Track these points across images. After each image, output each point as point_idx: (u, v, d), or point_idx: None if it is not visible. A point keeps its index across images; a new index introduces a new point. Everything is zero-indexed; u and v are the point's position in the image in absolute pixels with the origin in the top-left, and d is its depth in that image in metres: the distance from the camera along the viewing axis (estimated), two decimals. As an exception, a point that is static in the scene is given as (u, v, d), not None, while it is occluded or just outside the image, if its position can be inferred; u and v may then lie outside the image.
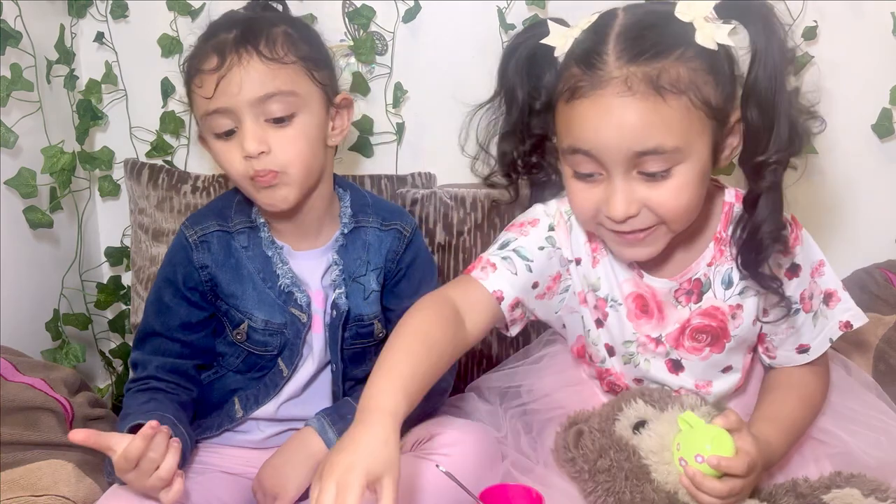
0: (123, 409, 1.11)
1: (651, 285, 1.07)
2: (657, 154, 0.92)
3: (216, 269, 1.17)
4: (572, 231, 1.09)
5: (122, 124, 1.57)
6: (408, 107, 1.55)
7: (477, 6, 1.50)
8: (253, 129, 1.07)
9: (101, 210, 1.63)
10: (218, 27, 1.12)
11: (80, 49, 1.54)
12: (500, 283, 1.03)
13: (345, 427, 1.06)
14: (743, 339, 1.09)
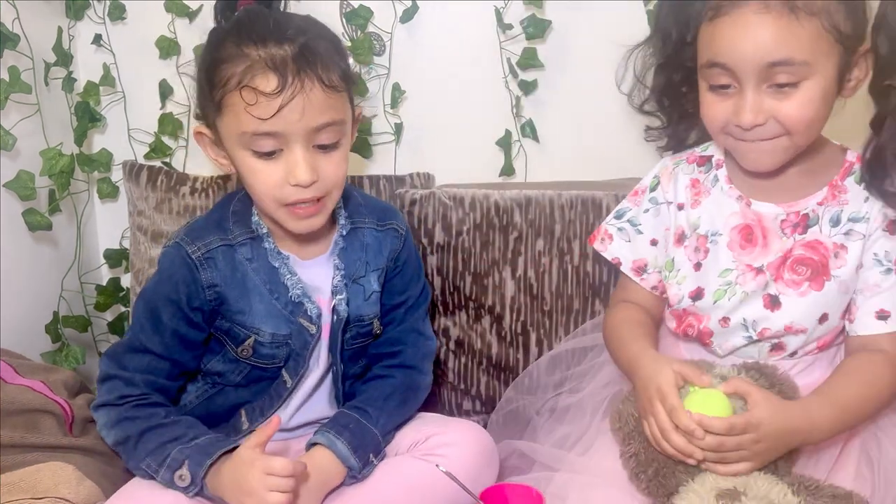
0: (150, 423, 1.11)
1: (759, 211, 1.16)
2: (787, 65, 1.04)
3: (225, 286, 1.15)
4: (677, 179, 1.23)
5: (121, 126, 1.59)
6: (406, 107, 1.57)
7: (474, 6, 1.52)
8: (306, 158, 1.07)
9: (100, 212, 1.65)
10: (262, 33, 1.06)
11: (78, 51, 1.56)
12: (616, 251, 1.26)
13: (350, 436, 1.12)
14: (844, 283, 1.13)
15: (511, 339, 1.48)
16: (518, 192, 1.49)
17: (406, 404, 1.23)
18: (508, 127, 1.57)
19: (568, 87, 1.56)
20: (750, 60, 1.05)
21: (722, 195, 1.20)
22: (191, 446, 1.08)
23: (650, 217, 1.24)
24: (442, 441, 1.14)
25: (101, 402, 1.16)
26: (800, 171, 1.16)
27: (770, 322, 1.14)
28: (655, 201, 1.25)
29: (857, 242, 1.14)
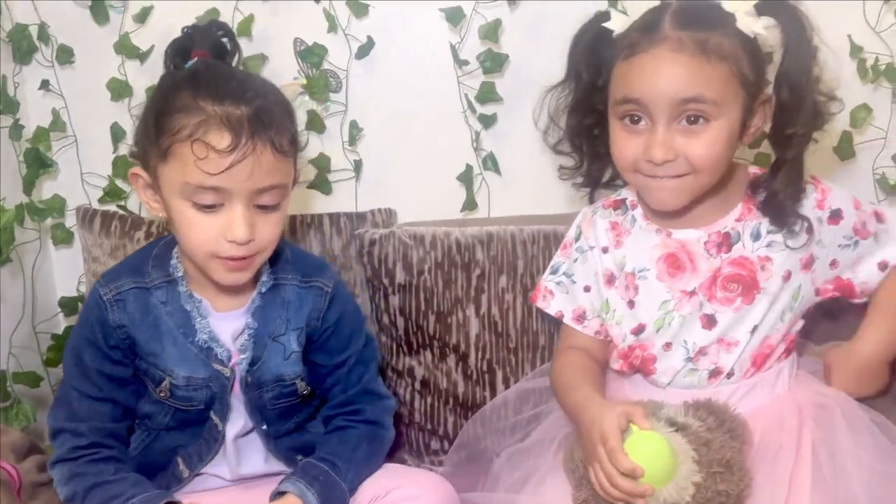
0: (97, 480, 1.14)
1: (680, 238, 1.24)
2: (698, 102, 1.12)
3: (133, 328, 1.18)
4: (596, 225, 1.31)
5: (73, 171, 1.60)
6: (365, 143, 1.59)
7: (430, 41, 1.55)
8: (245, 216, 1.10)
9: (56, 258, 1.66)
10: (221, 90, 1.09)
11: (26, 97, 1.57)
12: (558, 305, 1.33)
13: (320, 488, 1.14)
14: (773, 294, 1.20)
15: (477, 378, 1.50)
16: (479, 228, 1.51)
17: (372, 458, 1.24)
18: (469, 161, 1.59)
19: (528, 120, 1.56)
20: (664, 95, 1.12)
21: (641, 232, 1.27)
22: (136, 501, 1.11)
23: (579, 265, 1.32)
24: (403, 495, 1.15)
25: (56, 458, 1.19)
26: (712, 202, 1.23)
27: (711, 336, 1.21)
28: (581, 249, 1.32)
29: (780, 254, 1.22)
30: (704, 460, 1.06)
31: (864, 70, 1.54)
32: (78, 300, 1.62)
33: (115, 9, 1.53)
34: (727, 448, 1.07)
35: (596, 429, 1.08)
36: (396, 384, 1.54)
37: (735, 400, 1.19)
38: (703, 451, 1.07)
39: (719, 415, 1.12)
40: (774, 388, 1.22)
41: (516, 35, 1.54)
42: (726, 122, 1.14)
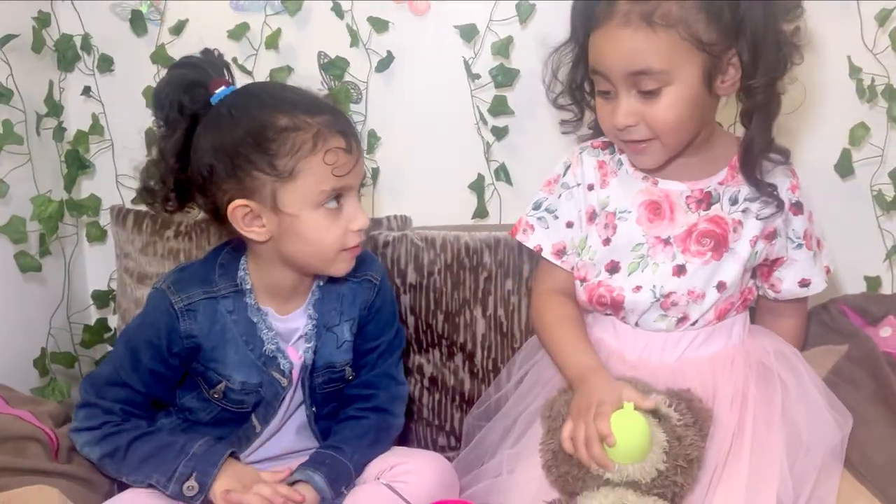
0: (141, 435, 1.25)
1: (665, 189, 1.30)
2: (647, 74, 1.18)
3: (202, 338, 1.26)
4: (583, 162, 1.36)
5: (109, 172, 1.71)
6: (382, 152, 1.70)
7: (446, 57, 1.65)
8: (359, 206, 1.24)
9: (89, 254, 1.77)
10: (308, 105, 1.20)
11: (68, 102, 1.69)
12: (537, 239, 1.37)
13: (327, 470, 1.23)
14: (738, 255, 1.29)
15: (483, 376, 1.58)
16: (488, 234, 1.60)
17: (378, 444, 1.33)
18: (481, 171, 1.69)
19: (538, 133, 1.69)
20: (616, 69, 1.20)
21: (628, 177, 1.33)
22: (191, 458, 1.21)
23: (564, 201, 1.36)
24: (404, 469, 1.26)
25: (80, 426, 1.28)
26: (699, 158, 1.31)
27: (675, 287, 1.29)
28: (567, 185, 1.36)
29: (752, 220, 1.30)
30: (673, 453, 1.14)
31: (863, 90, 1.62)
32: (108, 294, 1.74)
33: (153, 21, 1.66)
34: (695, 447, 1.16)
35: (596, 397, 1.15)
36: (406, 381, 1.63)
37: (696, 345, 1.31)
38: (674, 445, 1.15)
39: (695, 412, 1.20)
40: (730, 338, 1.33)
41: (527, 51, 1.64)
42: (682, 86, 1.19)
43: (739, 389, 1.27)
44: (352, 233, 1.23)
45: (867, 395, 1.37)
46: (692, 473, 1.15)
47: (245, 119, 1.19)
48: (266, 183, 1.18)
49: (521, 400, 1.39)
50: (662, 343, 1.32)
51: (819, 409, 1.27)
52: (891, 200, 1.68)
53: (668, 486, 1.14)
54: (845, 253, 1.65)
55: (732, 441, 1.22)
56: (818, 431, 1.24)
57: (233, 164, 1.18)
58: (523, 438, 1.31)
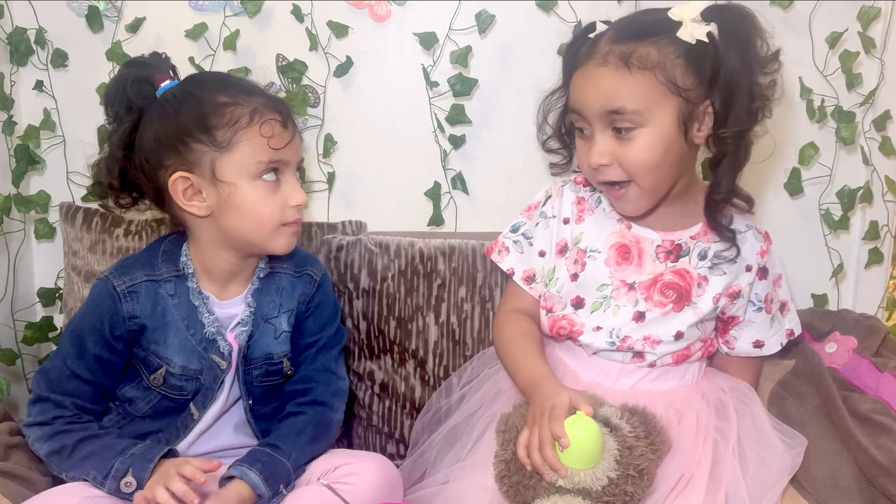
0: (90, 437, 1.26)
1: (638, 235, 1.33)
2: (621, 114, 1.21)
3: (144, 318, 1.30)
4: (563, 195, 1.39)
5: (60, 169, 1.69)
6: (339, 156, 1.70)
7: (405, 64, 1.67)
8: (297, 184, 1.29)
9: (37, 252, 1.75)
10: (245, 87, 1.29)
11: (20, 95, 1.67)
12: (511, 262, 1.40)
13: (262, 467, 1.23)
14: (700, 309, 1.32)
15: (434, 383, 1.59)
16: (442, 240, 1.61)
17: (318, 440, 1.34)
18: (438, 179, 1.70)
19: (495, 143, 1.71)
20: (591, 108, 1.23)
21: (604, 216, 1.36)
22: (129, 456, 1.22)
23: (540, 230, 1.39)
24: (349, 470, 1.26)
25: (33, 421, 1.30)
26: (676, 210, 1.34)
27: (632, 332, 1.32)
28: (545, 215, 1.39)
29: (717, 278, 1.34)
30: (624, 462, 1.17)
31: (812, 110, 1.67)
32: (54, 292, 1.72)
33: (109, 18, 1.65)
34: (646, 458, 1.19)
35: (549, 402, 1.17)
36: (357, 387, 1.62)
37: (649, 379, 1.35)
38: (625, 454, 1.18)
39: (649, 426, 1.22)
40: (683, 379, 1.37)
41: (486, 61, 1.67)
42: (657, 129, 1.22)
43: (702, 418, 1.30)
44: (290, 208, 1.28)
45: (812, 409, 1.42)
46: (642, 484, 1.18)
47: (186, 99, 1.26)
48: (205, 154, 1.25)
49: (471, 410, 1.40)
50: (617, 373, 1.35)
51: (770, 437, 1.30)
52: (838, 220, 1.73)
53: (619, 495, 1.17)
54: (794, 271, 1.70)
55: (694, 464, 1.24)
56: (770, 458, 1.27)
57: (174, 140, 1.25)
58: (475, 449, 1.33)
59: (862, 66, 1.69)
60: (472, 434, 1.36)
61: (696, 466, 1.24)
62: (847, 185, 1.72)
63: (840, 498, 1.27)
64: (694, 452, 1.25)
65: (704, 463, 1.24)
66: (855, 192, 1.72)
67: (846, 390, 1.42)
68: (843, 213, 1.73)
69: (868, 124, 1.70)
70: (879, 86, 1.69)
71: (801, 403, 1.43)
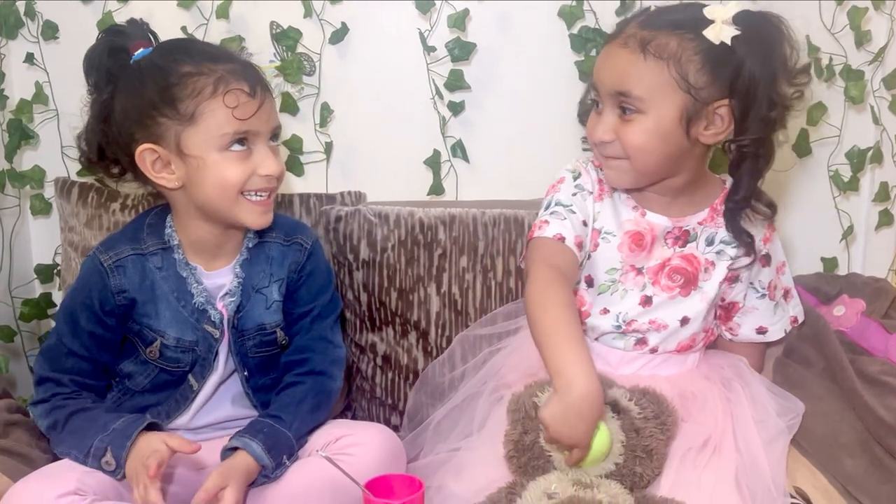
0: (79, 410, 1.27)
1: (651, 222, 1.33)
2: (627, 97, 1.23)
3: (133, 292, 1.30)
4: (589, 172, 1.37)
5: (54, 143, 1.67)
6: (336, 126, 1.68)
7: (402, 29, 1.64)
8: (270, 153, 1.27)
9: (34, 228, 1.74)
10: (213, 55, 1.27)
11: (11, 69, 1.65)
12: (556, 229, 1.30)
13: (264, 438, 1.23)
14: (706, 294, 1.33)
15: (437, 354, 1.57)
16: (442, 209, 1.59)
17: (318, 409, 1.33)
18: (437, 147, 1.68)
19: (494, 108, 1.68)
20: (604, 85, 1.26)
21: (620, 202, 1.35)
22: (109, 433, 1.22)
23: (579, 200, 1.34)
24: (350, 441, 1.26)
25: (37, 399, 1.32)
26: (683, 200, 1.34)
27: (638, 316, 1.33)
28: (581, 187, 1.36)
29: (723, 262, 1.34)
30: (631, 444, 1.18)
31: (820, 69, 1.63)
32: (52, 268, 1.71)
33: (100, -12, 1.62)
34: (654, 439, 1.19)
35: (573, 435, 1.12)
36: (359, 359, 1.62)
37: (651, 367, 1.35)
38: (632, 437, 1.18)
39: (660, 406, 1.23)
40: (685, 364, 1.38)
41: (484, 25, 1.64)
42: (656, 118, 1.23)
43: (711, 394, 1.32)
44: (258, 177, 1.26)
45: (817, 371, 1.42)
46: (651, 465, 1.19)
47: (151, 69, 1.25)
48: (170, 127, 1.24)
49: (474, 390, 1.40)
50: (618, 360, 1.36)
51: (765, 404, 1.31)
52: (847, 181, 1.71)
53: (627, 475, 1.18)
54: (803, 234, 1.70)
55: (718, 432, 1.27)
56: (768, 420, 1.29)
57: (140, 113, 1.24)
58: (484, 424, 1.33)
59: (871, 23, 1.65)
60: (475, 411, 1.36)
61: (721, 434, 1.26)
62: (856, 145, 1.70)
63: (840, 455, 1.28)
64: (713, 421, 1.27)
65: (727, 431, 1.26)
66: (864, 152, 1.69)
67: (854, 353, 1.42)
68: (853, 174, 1.71)
69: (878, 83, 1.67)
70: (889, 43, 1.65)
71: (807, 367, 1.43)
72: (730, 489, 1.19)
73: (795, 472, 1.27)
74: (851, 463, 1.28)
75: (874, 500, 1.24)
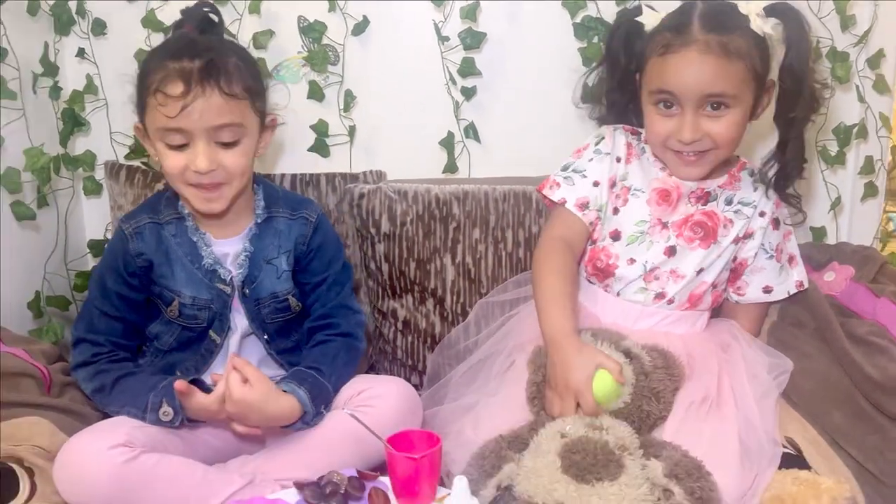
0: (121, 373, 1.30)
1: (678, 182, 1.38)
2: (720, 97, 1.27)
3: (150, 255, 1.34)
4: (616, 138, 1.42)
5: (104, 130, 1.71)
6: (358, 111, 1.70)
7: (418, 20, 1.65)
8: (205, 151, 1.26)
9: (87, 207, 1.78)
10: (180, 51, 1.26)
11: (64, 63, 1.69)
12: (562, 194, 1.40)
13: (309, 387, 1.25)
14: (723, 247, 1.38)
15: (453, 320, 1.60)
16: (456, 186, 1.61)
17: (349, 365, 1.36)
18: (451, 129, 1.69)
19: (504, 92, 1.69)
20: (692, 90, 1.27)
21: (648, 164, 1.41)
22: (160, 389, 1.25)
23: (594, 164, 1.41)
24: (372, 394, 1.28)
25: (77, 362, 1.35)
26: None
27: (661, 264, 1.37)
28: (600, 152, 1.41)
29: (741, 221, 1.39)
30: (640, 385, 1.22)
31: (809, 52, 1.62)
32: (104, 243, 1.74)
33: (144, -13, 1.65)
34: (662, 383, 1.24)
35: (573, 378, 1.20)
36: (381, 324, 1.64)
37: (666, 323, 1.37)
38: (641, 379, 1.22)
39: (668, 359, 1.27)
40: (695, 326, 1.41)
41: (493, 16, 1.65)
42: (741, 109, 1.28)
43: (714, 354, 1.34)
44: (190, 171, 1.27)
45: (808, 332, 1.42)
46: (659, 406, 1.23)
47: (147, 57, 1.33)
48: (140, 111, 1.31)
49: (490, 351, 1.43)
50: (637, 314, 1.38)
51: (759, 362, 1.33)
52: (834, 155, 1.69)
53: (635, 412, 1.22)
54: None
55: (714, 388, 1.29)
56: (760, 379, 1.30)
57: (137, 91, 1.31)
58: (503, 379, 1.36)
59: (855, 8, 1.64)
60: (492, 368, 1.39)
61: (718, 390, 1.28)
62: (843, 122, 1.69)
63: (827, 408, 1.29)
64: (713, 378, 1.29)
65: (725, 387, 1.28)
66: (850, 128, 1.69)
67: (844, 316, 1.42)
68: (840, 149, 1.70)
69: (862, 63, 1.67)
70: (873, 26, 1.64)
71: (800, 329, 1.44)
72: (727, 439, 1.21)
73: (787, 424, 1.28)
74: (839, 416, 1.29)
75: (860, 450, 1.25)
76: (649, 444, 1.17)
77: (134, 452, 1.16)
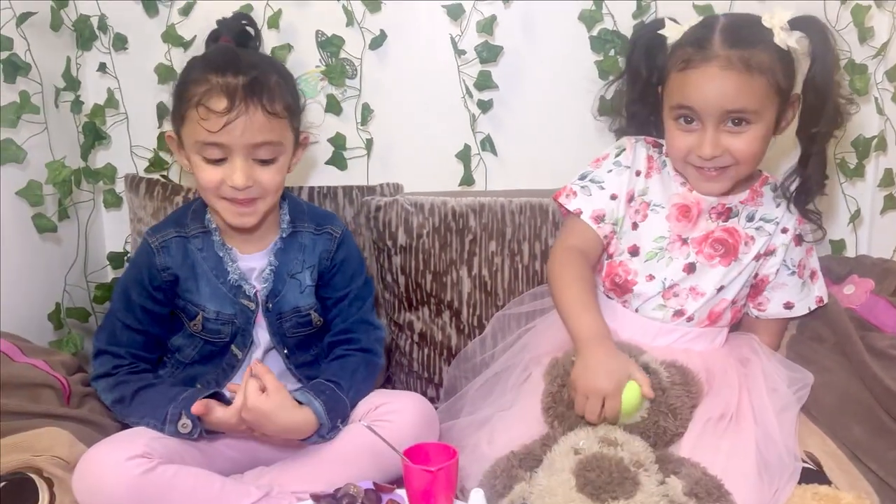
0: (140, 384, 1.30)
1: (698, 197, 1.36)
2: (741, 113, 1.25)
3: (176, 269, 1.34)
4: (637, 150, 1.40)
5: (124, 143, 1.72)
6: (376, 124, 1.71)
7: (435, 34, 1.66)
8: (243, 167, 1.27)
9: (106, 219, 1.79)
10: (225, 65, 1.26)
11: (86, 77, 1.70)
12: (578, 204, 1.38)
13: (326, 399, 1.25)
14: (744, 265, 1.36)
15: (469, 332, 1.60)
16: (473, 198, 1.61)
17: (367, 380, 1.36)
18: (468, 141, 1.69)
19: (520, 105, 1.69)
20: (713, 106, 1.25)
21: (669, 178, 1.39)
22: (180, 401, 1.25)
23: (613, 176, 1.39)
24: (389, 409, 1.28)
25: (97, 373, 1.35)
26: None
27: (681, 281, 1.35)
28: (619, 164, 1.40)
29: (763, 238, 1.38)
30: (657, 401, 1.21)
31: (826, 64, 1.61)
32: (123, 255, 1.75)
33: (164, 3, 1.66)
34: (679, 399, 1.22)
35: (604, 381, 1.18)
36: (398, 336, 1.64)
37: (685, 340, 1.35)
38: (658, 395, 1.21)
39: (686, 376, 1.26)
40: (714, 342, 1.40)
41: (510, 29, 1.65)
42: (764, 124, 1.27)
43: (733, 371, 1.33)
44: (226, 186, 1.27)
45: (828, 346, 1.40)
46: (675, 422, 1.22)
47: (186, 68, 1.32)
48: (176, 121, 1.31)
49: (506, 364, 1.42)
50: (656, 330, 1.36)
51: (779, 377, 1.32)
52: (854, 168, 1.68)
53: (651, 428, 1.21)
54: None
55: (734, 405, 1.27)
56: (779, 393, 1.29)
57: (172, 101, 1.32)
58: (518, 392, 1.35)
59: (873, 20, 1.63)
60: (508, 382, 1.39)
61: (738, 406, 1.27)
62: (861, 134, 1.68)
63: (847, 422, 1.27)
64: (733, 393, 1.28)
65: (745, 402, 1.27)
66: (869, 140, 1.67)
67: (864, 329, 1.40)
68: (859, 161, 1.69)
69: (881, 75, 1.65)
70: (891, 38, 1.63)
71: (819, 343, 1.42)
72: (746, 454, 1.20)
73: (807, 439, 1.27)
74: (859, 430, 1.27)
75: (881, 465, 1.23)
76: (667, 460, 1.16)
77: (152, 463, 1.16)
